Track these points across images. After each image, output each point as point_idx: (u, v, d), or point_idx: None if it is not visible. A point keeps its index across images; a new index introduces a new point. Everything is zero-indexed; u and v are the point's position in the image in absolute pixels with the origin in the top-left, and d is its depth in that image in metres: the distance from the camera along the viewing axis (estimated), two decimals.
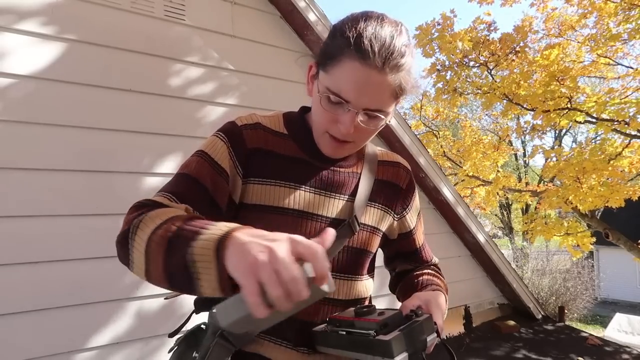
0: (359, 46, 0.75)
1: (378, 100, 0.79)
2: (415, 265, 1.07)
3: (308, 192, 0.89)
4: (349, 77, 0.77)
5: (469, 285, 4.00)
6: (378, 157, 0.99)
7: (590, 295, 10.17)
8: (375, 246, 0.97)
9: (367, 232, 0.93)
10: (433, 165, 3.53)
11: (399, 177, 1.00)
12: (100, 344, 2.00)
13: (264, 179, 0.88)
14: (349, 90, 0.77)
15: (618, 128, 5.83)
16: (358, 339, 0.75)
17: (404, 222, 1.02)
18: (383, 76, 0.76)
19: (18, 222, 1.88)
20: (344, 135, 0.82)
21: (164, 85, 2.30)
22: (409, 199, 1.02)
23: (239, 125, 0.89)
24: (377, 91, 0.77)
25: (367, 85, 0.76)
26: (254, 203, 0.88)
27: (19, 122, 1.90)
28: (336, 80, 0.78)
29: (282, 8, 2.72)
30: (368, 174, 0.95)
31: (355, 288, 0.94)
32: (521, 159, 20.53)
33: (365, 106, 0.79)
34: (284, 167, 0.89)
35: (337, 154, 0.89)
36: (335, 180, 0.91)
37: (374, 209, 0.95)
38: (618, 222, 10.22)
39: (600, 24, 6.95)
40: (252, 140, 0.88)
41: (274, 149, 0.90)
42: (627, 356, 3.85)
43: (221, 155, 0.86)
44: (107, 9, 2.15)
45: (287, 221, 0.86)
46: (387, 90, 0.78)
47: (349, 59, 0.76)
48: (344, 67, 0.77)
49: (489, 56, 6.99)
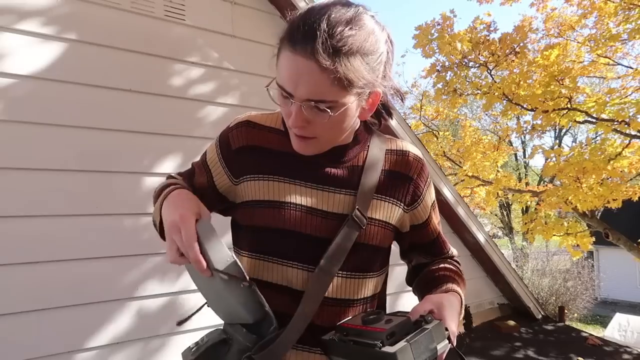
0: (290, 34, 0.73)
1: (316, 89, 0.73)
2: (432, 258, 1.03)
3: (306, 187, 0.88)
4: (283, 67, 0.75)
5: (469, 285, 3.92)
6: (386, 146, 0.95)
7: (590, 295, 10.18)
8: (387, 241, 0.94)
9: (377, 227, 0.90)
10: (433, 165, 3.53)
11: (409, 166, 0.94)
12: (100, 344, 2.00)
13: (258, 174, 0.88)
14: (285, 81, 0.75)
15: (618, 128, 5.83)
16: (365, 350, 0.73)
17: (416, 213, 0.97)
18: (314, 63, 0.70)
19: (18, 222, 1.88)
20: (295, 129, 0.80)
21: (164, 85, 2.30)
22: (421, 189, 0.96)
23: (229, 127, 0.93)
24: (311, 80, 0.72)
25: (298, 74, 0.72)
26: (254, 199, 0.88)
27: (19, 122, 1.90)
28: (279, 73, 0.76)
29: (282, 8, 2.72)
30: (372, 166, 0.91)
31: (365, 287, 0.92)
32: (521, 159, 20.54)
33: (306, 97, 0.73)
34: (278, 162, 0.89)
35: (304, 150, 0.85)
36: (335, 175, 0.89)
37: (382, 202, 0.91)
38: (618, 222, 10.22)
39: (600, 24, 6.95)
40: (238, 139, 0.90)
41: (265, 145, 0.90)
42: (627, 356, 3.85)
43: (212, 159, 0.95)
44: (107, 9, 2.15)
45: (292, 216, 0.86)
46: (325, 78, 0.71)
47: (283, 48, 0.74)
48: (281, 59, 0.75)
49: (489, 56, 7.00)
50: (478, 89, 7.19)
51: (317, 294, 0.83)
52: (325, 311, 0.86)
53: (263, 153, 0.89)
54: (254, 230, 0.88)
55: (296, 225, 0.86)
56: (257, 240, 0.88)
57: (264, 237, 0.87)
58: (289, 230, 0.86)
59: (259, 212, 0.87)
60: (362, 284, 0.91)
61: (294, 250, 0.86)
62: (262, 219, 0.87)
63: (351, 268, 0.88)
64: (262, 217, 0.87)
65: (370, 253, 0.91)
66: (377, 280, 0.96)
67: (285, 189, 0.87)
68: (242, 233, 0.92)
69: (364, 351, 0.73)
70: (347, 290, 0.89)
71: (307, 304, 0.82)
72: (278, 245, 0.87)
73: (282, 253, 0.86)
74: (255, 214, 0.88)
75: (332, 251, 0.84)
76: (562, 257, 12.14)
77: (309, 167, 0.89)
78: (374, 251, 0.91)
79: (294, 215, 0.86)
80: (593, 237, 7.02)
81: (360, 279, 0.90)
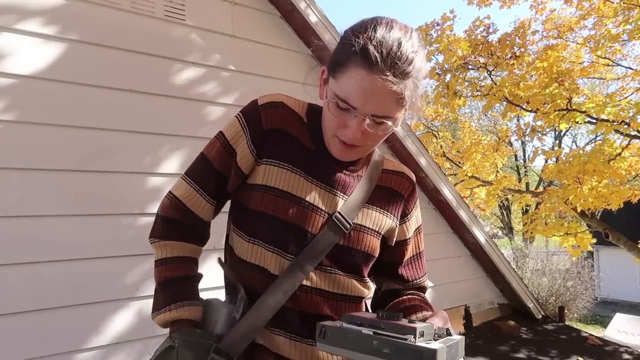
0: (365, 53, 0.76)
1: (384, 106, 0.80)
2: (404, 284, 1.02)
3: (317, 186, 0.90)
4: (355, 84, 0.78)
5: (469, 285, 4.00)
6: (383, 166, 1.00)
7: (590, 295, 10.18)
8: (375, 249, 0.95)
9: (365, 234, 0.93)
10: (433, 165, 3.54)
11: (402, 186, 1.00)
12: (100, 344, 2.00)
13: (278, 160, 0.90)
14: (356, 97, 0.79)
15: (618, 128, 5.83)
16: (388, 342, 0.66)
17: (403, 228, 1.01)
18: (389, 83, 0.77)
19: (18, 222, 1.88)
20: (351, 140, 0.84)
21: (164, 85, 2.30)
22: (410, 208, 1.01)
23: (258, 105, 0.92)
24: (382, 98, 0.78)
25: (372, 92, 0.78)
26: (266, 184, 0.90)
27: (19, 122, 1.90)
28: (343, 87, 0.80)
29: (282, 8, 2.72)
30: (368, 179, 0.95)
31: (350, 284, 0.93)
32: (521, 160, 20.54)
33: (372, 112, 0.80)
34: (302, 156, 0.91)
35: (345, 157, 0.90)
36: (342, 180, 0.92)
37: (373, 212, 0.95)
38: (618, 222, 10.21)
39: (599, 25, 6.95)
40: (271, 120, 0.91)
41: (295, 133, 0.92)
42: (627, 356, 3.85)
43: (235, 138, 0.92)
44: (107, 9, 2.15)
45: (294, 209, 0.88)
46: (393, 97, 0.79)
47: (355, 66, 0.78)
48: (351, 75, 0.78)
49: (488, 57, 7.00)
50: (478, 91, 7.19)
51: (286, 285, 0.85)
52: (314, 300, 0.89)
53: (291, 141, 0.91)
54: (259, 215, 0.89)
55: (300, 221, 0.88)
56: (261, 226, 0.90)
57: (268, 224, 0.88)
58: (292, 224, 0.88)
59: (271, 199, 0.88)
60: (351, 283, 0.93)
61: (294, 243, 0.88)
62: (272, 207, 0.88)
63: (340, 266, 0.91)
64: (273, 205, 0.88)
65: (360, 258, 0.93)
66: (369, 286, 0.98)
67: (301, 183, 0.90)
68: (244, 215, 0.93)
69: (395, 344, 0.66)
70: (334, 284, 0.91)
71: (274, 293, 0.85)
72: (280, 235, 0.88)
73: (282, 244, 0.88)
74: (266, 200, 0.89)
75: (309, 247, 0.87)
76: (562, 257, 12.13)
77: (325, 168, 0.92)
78: (364, 257, 0.93)
79: (301, 211, 0.88)
80: (593, 238, 7.02)
81: (349, 278, 0.93)
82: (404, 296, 1.00)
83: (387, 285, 1.04)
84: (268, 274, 0.88)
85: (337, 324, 0.74)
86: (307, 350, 0.89)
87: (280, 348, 0.88)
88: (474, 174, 8.71)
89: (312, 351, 0.89)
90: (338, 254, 0.90)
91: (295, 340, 0.89)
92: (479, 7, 7.48)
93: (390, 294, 1.03)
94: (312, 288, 0.89)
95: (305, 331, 0.88)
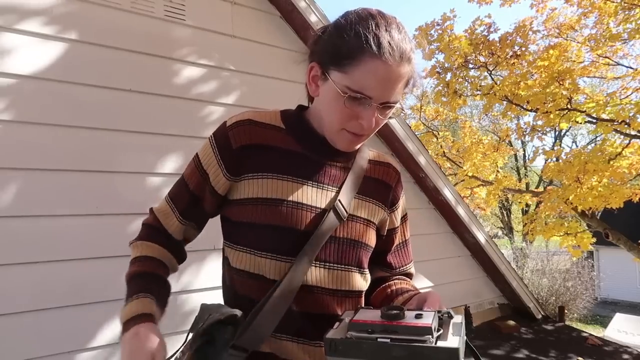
0: (379, 45, 0.80)
1: (397, 92, 0.84)
2: (392, 271, 1.06)
3: (303, 184, 0.90)
4: (372, 75, 0.81)
5: (469, 285, 4.00)
6: (369, 157, 1.02)
7: (590, 295, 10.19)
8: (371, 239, 0.97)
9: (360, 224, 0.94)
10: (433, 165, 3.53)
11: (389, 176, 1.03)
12: (100, 344, 2.00)
13: (259, 172, 0.90)
14: (374, 87, 0.82)
15: (618, 128, 5.82)
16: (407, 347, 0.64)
17: (392, 217, 1.04)
18: (401, 70, 0.82)
19: (18, 222, 1.88)
20: (366, 130, 0.87)
21: (164, 85, 2.30)
22: (397, 197, 1.04)
23: (226, 127, 0.93)
24: (396, 85, 0.83)
25: (389, 81, 0.82)
26: (250, 197, 0.90)
27: (19, 122, 1.90)
28: (357, 79, 0.81)
29: (282, 8, 2.72)
30: (358, 169, 0.97)
31: (353, 279, 0.94)
32: (521, 159, 20.53)
33: (386, 99, 0.84)
34: (279, 160, 0.91)
35: (352, 147, 0.93)
36: (330, 174, 0.93)
37: (364, 202, 0.96)
38: (618, 222, 10.21)
39: (600, 24, 6.94)
40: (239, 138, 0.91)
41: (270, 143, 0.92)
42: (627, 356, 3.85)
43: (208, 160, 0.94)
44: (107, 9, 2.15)
45: (281, 212, 0.88)
46: (403, 82, 0.84)
47: (370, 58, 0.80)
48: (367, 67, 0.80)
49: (489, 56, 7.00)
50: (478, 90, 7.19)
51: (291, 282, 0.86)
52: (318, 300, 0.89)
53: (267, 151, 0.91)
54: (251, 226, 0.89)
55: (293, 222, 0.88)
56: (254, 237, 0.89)
57: (261, 234, 0.88)
58: (287, 227, 0.88)
59: (260, 209, 0.88)
60: (349, 277, 0.93)
61: (289, 245, 0.87)
62: (262, 217, 0.88)
63: (337, 260, 0.91)
64: (262, 214, 0.88)
65: (356, 248, 0.94)
66: (367, 277, 0.99)
67: (288, 187, 0.89)
68: (235, 228, 0.93)
69: (414, 349, 0.64)
70: (334, 281, 0.91)
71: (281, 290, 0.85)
72: (275, 242, 0.88)
73: (279, 249, 0.88)
74: (255, 211, 0.89)
75: (308, 244, 0.87)
76: (562, 257, 12.13)
77: (312, 165, 0.92)
78: (361, 247, 0.94)
79: (292, 213, 0.88)
80: (594, 238, 7.02)
81: (346, 272, 0.93)
82: (391, 281, 1.04)
83: (375, 274, 1.06)
84: (266, 280, 0.87)
85: (347, 335, 0.69)
86: (315, 352, 0.88)
87: (289, 353, 0.87)
88: (474, 173, 8.71)
89: (320, 352, 0.88)
90: (337, 247, 0.91)
91: (303, 344, 0.88)
92: (480, 4, 7.47)
93: (377, 282, 1.06)
94: (316, 287, 0.89)
95: (312, 333, 0.88)
